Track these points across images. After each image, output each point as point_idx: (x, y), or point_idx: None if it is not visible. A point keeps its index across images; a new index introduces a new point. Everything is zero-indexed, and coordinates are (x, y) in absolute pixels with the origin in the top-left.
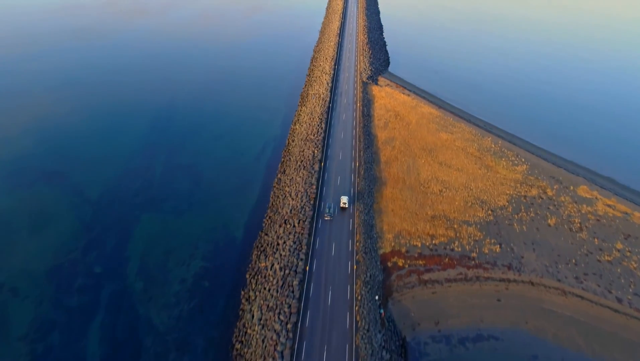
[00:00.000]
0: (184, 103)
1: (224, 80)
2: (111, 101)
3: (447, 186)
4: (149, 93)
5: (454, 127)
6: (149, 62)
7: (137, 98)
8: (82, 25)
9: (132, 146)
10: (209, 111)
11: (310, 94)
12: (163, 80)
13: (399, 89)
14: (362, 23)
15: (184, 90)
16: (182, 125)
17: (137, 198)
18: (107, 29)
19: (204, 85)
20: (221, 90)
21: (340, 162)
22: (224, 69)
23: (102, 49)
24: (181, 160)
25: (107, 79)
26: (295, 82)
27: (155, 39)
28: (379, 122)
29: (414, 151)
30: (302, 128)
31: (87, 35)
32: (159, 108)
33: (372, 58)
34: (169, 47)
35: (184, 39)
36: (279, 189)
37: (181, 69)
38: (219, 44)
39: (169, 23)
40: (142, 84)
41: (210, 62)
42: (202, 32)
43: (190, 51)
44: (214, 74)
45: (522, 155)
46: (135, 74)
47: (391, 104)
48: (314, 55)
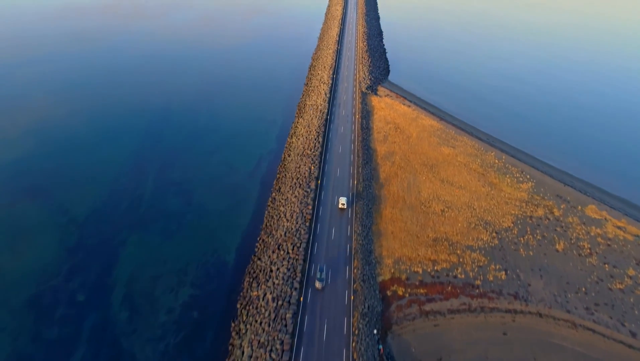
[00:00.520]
0: (177, 114)
1: (219, 90)
2: (101, 110)
3: (449, 205)
4: (141, 103)
5: (456, 141)
6: (140, 69)
7: (128, 108)
8: (79, 29)
9: (122, 160)
10: (203, 123)
11: (308, 105)
12: (156, 89)
13: (399, 100)
14: (362, 29)
15: (178, 100)
16: (174, 137)
17: (125, 218)
18: (102, 33)
19: (199, 95)
20: (216, 101)
21: (338, 179)
22: (220, 77)
23: (93, 55)
24: (173, 176)
25: (98, 85)
26: (293, 91)
27: (147, 46)
28: (379, 135)
29: (415, 167)
30: (299, 142)
31: (80, 39)
32: (151, 119)
33: (371, 66)
34: (163, 53)
35: (179, 45)
36: (274, 209)
37: (175, 76)
38: (215, 50)
39: (163, 30)
40: (134, 94)
41: (206, 69)
42: (198, 38)
43: (185, 58)
44: (210, 83)
45: (527, 172)
46: (127, 83)
47: (391, 116)
48: (312, 63)
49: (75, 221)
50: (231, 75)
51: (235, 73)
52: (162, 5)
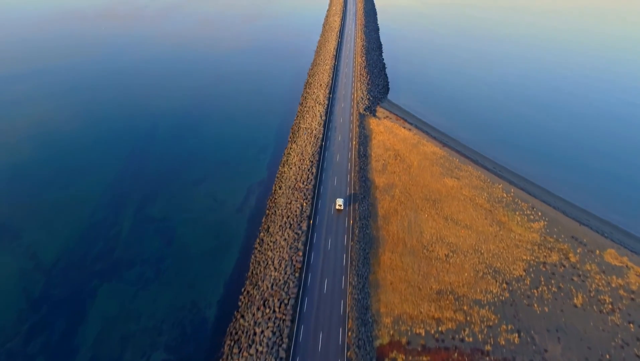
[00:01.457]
0: (163, 137)
1: (210, 109)
2: (80, 133)
3: (454, 249)
4: (125, 125)
5: (460, 171)
6: (126, 86)
7: (110, 131)
8: (71, 35)
9: (100, 191)
10: (190, 148)
11: (302, 128)
12: (143, 108)
13: (398, 122)
14: (360, 43)
15: (164, 121)
16: (159, 164)
17: (98, 262)
18: (91, 41)
19: (187, 116)
20: (206, 122)
21: (332, 218)
22: (211, 96)
23: (72, 71)
24: (153, 211)
25: (78, 103)
26: (287, 112)
27: (134, 62)
28: (377, 164)
29: (416, 202)
30: (291, 172)
31: (67, 49)
32: (134, 143)
33: (370, 84)
34: (152, 68)
35: (169, 59)
36: (261, 253)
37: (164, 93)
38: (207, 64)
39: (152, 45)
40: (117, 115)
41: (197, 86)
42: (189, 52)
43: (175, 73)
44: (200, 102)
45: (538, 208)
46: (110, 101)
47: (390, 141)
48: (307, 80)
49: (42, 266)
50: (223, 93)
51: (227, 91)
52: (146, 21)
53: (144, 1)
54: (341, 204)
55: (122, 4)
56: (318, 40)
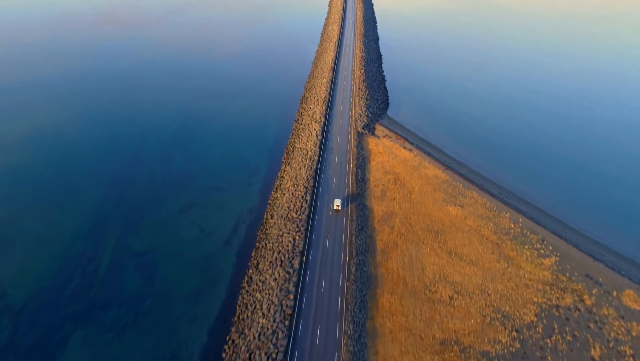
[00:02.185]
0: (148, 157)
1: (200, 126)
2: (62, 151)
3: (458, 290)
4: (109, 143)
5: (464, 197)
6: (111, 101)
7: (94, 149)
8: (72, 39)
9: (77, 223)
10: (178, 170)
11: (297, 148)
12: (131, 123)
13: (399, 141)
14: (359, 53)
15: (150, 140)
16: (144, 189)
17: (71, 304)
18: (84, 48)
19: (176, 132)
20: (195, 140)
21: (327, 253)
22: (202, 110)
23: (55, 82)
24: (134, 244)
25: (60, 119)
26: (282, 129)
27: (123, 72)
28: (376, 190)
29: (417, 233)
30: (284, 198)
31: (67, 55)
32: (120, 164)
33: (368, 100)
34: (139, 80)
35: (162, 68)
36: (249, 295)
37: (154, 108)
38: (201, 77)
39: (148, 49)
40: (101, 131)
41: (188, 100)
42: (183, 62)
43: (166, 85)
44: (190, 116)
45: (549, 241)
46: (94, 117)
47: (390, 163)
48: (304, 95)
49: (10, 309)
50: (216, 109)
51: (220, 106)
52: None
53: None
54: (339, 205)
55: (121, 8)
56: (316, 50)
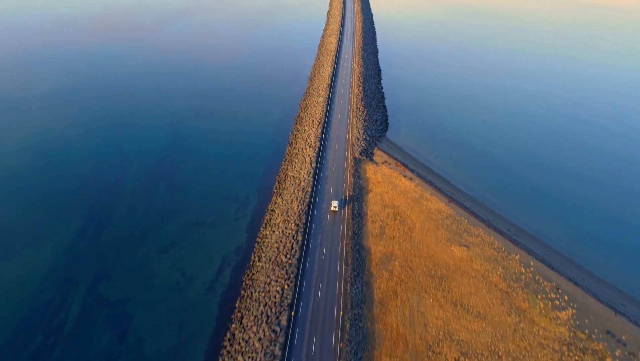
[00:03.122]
0: (128, 189)
1: (186, 151)
2: (28, 183)
3: (465, 350)
4: (85, 172)
5: (470, 235)
6: (94, 122)
7: (68, 180)
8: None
9: (45, 266)
10: (161, 202)
11: (290, 177)
12: (107, 149)
13: (398, 169)
14: (358, 69)
15: (131, 168)
16: (119, 226)
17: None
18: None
19: (160, 159)
20: (181, 167)
21: (319, 305)
22: (190, 131)
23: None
24: (107, 292)
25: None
26: (274, 153)
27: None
28: (373, 227)
29: (419, 280)
30: (273, 237)
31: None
32: (93, 196)
33: (367, 121)
34: (126, 101)
35: (148, 86)
36: (230, 357)
37: (134, 130)
38: (190, 94)
39: (139, 64)
40: (78, 159)
41: (175, 120)
42: (173, 78)
43: (152, 104)
44: (176, 139)
45: (564, 289)
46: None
47: (389, 195)
48: (299, 114)
49: None
50: (205, 130)
51: (210, 127)
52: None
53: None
54: (336, 206)
55: (119, 15)
56: (313, 64)
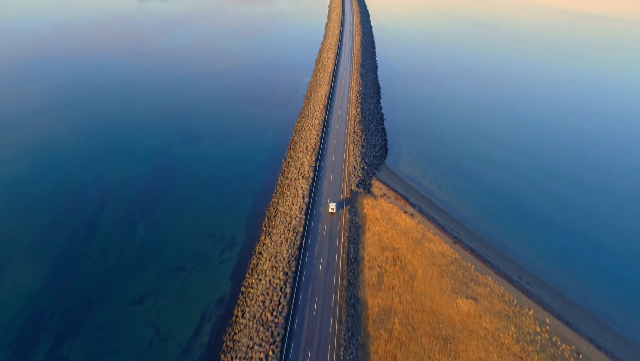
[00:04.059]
0: (106, 225)
1: (171, 182)
2: None
3: None
4: (59, 208)
5: (478, 285)
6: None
7: (31, 209)
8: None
9: (2, 324)
10: (137, 243)
11: (280, 213)
12: (81, 190)
13: (398, 203)
14: (356, 87)
15: (111, 199)
16: (91, 275)
17: None
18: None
19: (141, 193)
20: (163, 201)
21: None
22: (175, 161)
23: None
24: (71, 356)
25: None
26: (265, 183)
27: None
28: (371, 274)
29: (422, 341)
30: (259, 287)
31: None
32: (65, 240)
33: (364, 147)
34: (110, 123)
35: (136, 105)
36: None
37: (118, 158)
38: (178, 117)
39: (124, 84)
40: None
41: (159, 148)
42: (156, 100)
43: (134, 133)
44: (158, 172)
45: (585, 354)
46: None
47: (388, 235)
48: (293, 138)
49: None
50: (192, 157)
51: (197, 153)
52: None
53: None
54: (334, 207)
55: (118, 23)
56: (309, 82)
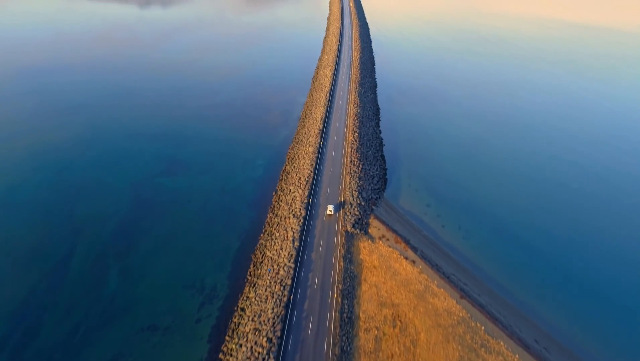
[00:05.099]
0: (73, 274)
1: (149, 221)
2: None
3: None
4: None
5: (489, 351)
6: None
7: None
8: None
9: None
10: (105, 298)
11: (267, 259)
12: (47, 233)
13: (398, 247)
14: (354, 109)
15: (82, 244)
16: (48, 343)
17: None
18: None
19: (114, 235)
20: (139, 245)
21: None
22: (155, 198)
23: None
24: None
25: None
26: (252, 221)
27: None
28: (367, 338)
29: None
30: (239, 355)
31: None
32: (25, 294)
33: (362, 179)
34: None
35: (114, 142)
36: None
37: (90, 196)
38: (164, 143)
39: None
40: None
41: (137, 184)
42: (142, 128)
43: (114, 170)
44: (135, 211)
45: None
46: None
47: (387, 287)
48: (285, 168)
49: None
50: (174, 191)
51: (181, 188)
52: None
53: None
54: (332, 210)
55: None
56: (305, 102)
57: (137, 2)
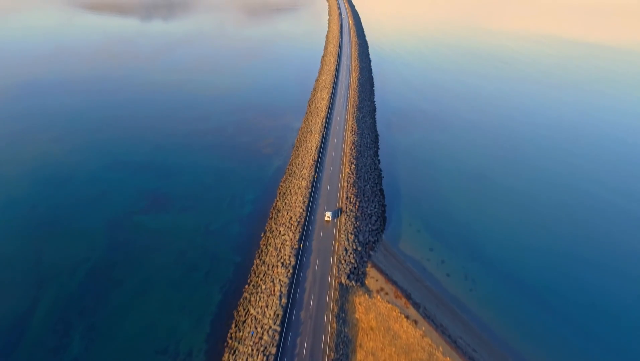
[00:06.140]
0: (24, 353)
1: (121, 274)
2: None
3: None
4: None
5: None
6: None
7: None
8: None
9: None
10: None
11: (250, 318)
12: (21, 276)
13: (399, 302)
14: (351, 137)
15: (51, 288)
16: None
17: None
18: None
19: (79, 296)
20: (112, 296)
21: None
22: (133, 242)
23: None
24: None
25: None
26: (238, 269)
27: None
28: None
29: None
30: None
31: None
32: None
33: (359, 220)
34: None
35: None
36: None
37: (64, 249)
38: (146, 181)
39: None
40: None
41: (117, 227)
42: (128, 157)
43: (88, 209)
44: (110, 262)
45: None
46: None
47: (385, 357)
48: (275, 204)
49: None
50: (156, 229)
51: (164, 224)
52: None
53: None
54: (330, 215)
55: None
56: (299, 127)
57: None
